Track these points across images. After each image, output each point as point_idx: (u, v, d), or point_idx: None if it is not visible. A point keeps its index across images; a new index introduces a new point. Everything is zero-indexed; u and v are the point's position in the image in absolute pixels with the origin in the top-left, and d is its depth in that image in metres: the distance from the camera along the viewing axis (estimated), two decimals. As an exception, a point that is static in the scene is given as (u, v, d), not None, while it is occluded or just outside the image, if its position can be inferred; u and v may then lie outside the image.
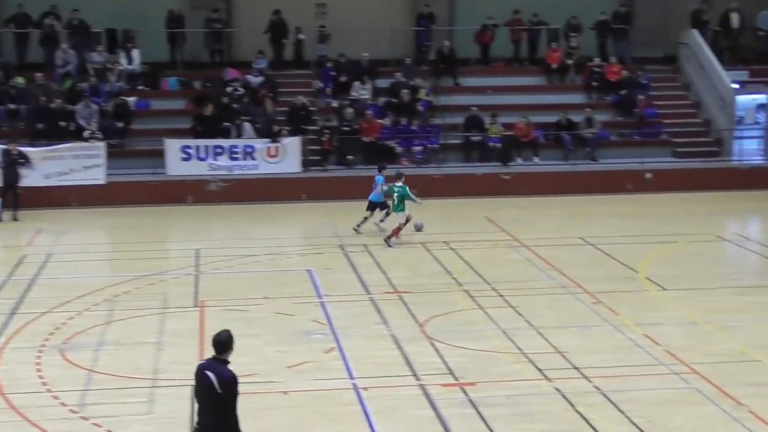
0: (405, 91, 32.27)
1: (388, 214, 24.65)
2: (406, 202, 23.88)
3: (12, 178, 27.43)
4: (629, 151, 31.63)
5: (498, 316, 18.28)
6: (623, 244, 23.94)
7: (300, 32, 34.23)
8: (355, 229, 24.91)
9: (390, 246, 23.61)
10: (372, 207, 24.90)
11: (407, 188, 23.88)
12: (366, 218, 24.95)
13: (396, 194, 23.85)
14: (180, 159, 29.88)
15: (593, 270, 21.68)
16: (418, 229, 23.85)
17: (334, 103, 32.72)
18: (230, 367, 10.65)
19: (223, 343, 10.57)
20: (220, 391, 10.42)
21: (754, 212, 28.56)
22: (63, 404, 14.27)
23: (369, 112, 31.59)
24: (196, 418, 10.83)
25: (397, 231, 23.87)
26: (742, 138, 33.30)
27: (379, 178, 24.91)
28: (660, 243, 24.18)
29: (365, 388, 14.85)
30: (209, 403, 10.53)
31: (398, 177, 24.24)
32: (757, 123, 35.79)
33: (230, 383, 10.46)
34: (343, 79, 32.96)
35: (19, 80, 31.58)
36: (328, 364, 15.94)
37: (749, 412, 13.82)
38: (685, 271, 21.71)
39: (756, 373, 15.42)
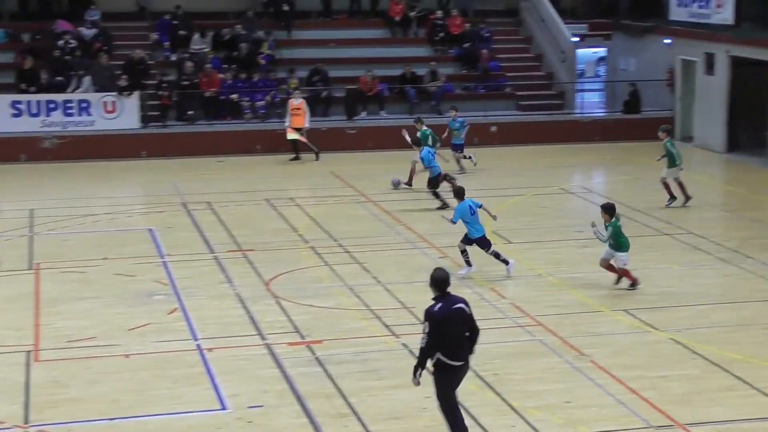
0: (244, 44, 31.54)
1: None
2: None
3: None
4: (474, 104, 31.58)
5: (344, 273, 18.08)
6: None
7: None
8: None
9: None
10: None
11: None
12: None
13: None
14: (10, 115, 28.65)
15: (440, 225, 21.57)
16: (395, 185, 24.67)
17: (173, 57, 31.81)
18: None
19: (446, 279, 11.07)
20: (470, 313, 11.18)
21: (596, 164, 28.94)
22: None
23: (209, 65, 30.82)
24: (446, 360, 10.98)
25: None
26: (583, 91, 33.73)
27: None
28: (505, 196, 24.26)
29: (209, 349, 14.48)
30: (463, 333, 11.10)
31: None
32: (597, 76, 36.40)
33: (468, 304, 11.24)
34: (182, 32, 32.00)
35: None
36: (171, 326, 15.50)
37: (591, 362, 13.95)
38: (530, 224, 21.84)
39: (597, 324, 15.58)
